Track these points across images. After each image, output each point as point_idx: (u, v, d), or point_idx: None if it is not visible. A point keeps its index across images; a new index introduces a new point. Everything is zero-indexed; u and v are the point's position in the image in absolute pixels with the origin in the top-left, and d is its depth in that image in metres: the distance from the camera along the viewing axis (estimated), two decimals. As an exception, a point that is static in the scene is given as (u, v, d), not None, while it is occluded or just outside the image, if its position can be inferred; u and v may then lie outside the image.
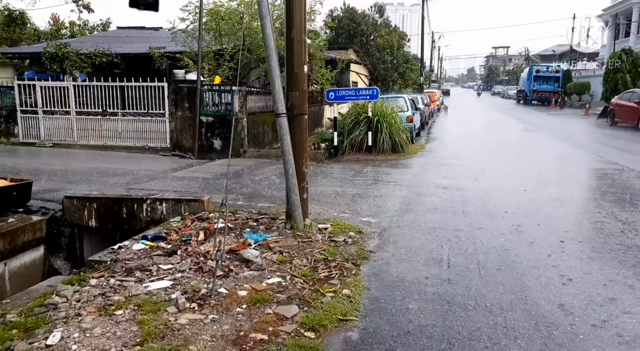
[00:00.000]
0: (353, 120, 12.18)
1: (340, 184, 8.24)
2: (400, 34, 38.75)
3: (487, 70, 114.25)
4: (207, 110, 12.39)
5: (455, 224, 5.61)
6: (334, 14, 34.05)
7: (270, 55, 5.09)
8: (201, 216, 5.90)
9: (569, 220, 5.79)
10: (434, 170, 9.63)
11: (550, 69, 42.39)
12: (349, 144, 11.96)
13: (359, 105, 12.46)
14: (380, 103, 12.45)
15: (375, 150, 11.86)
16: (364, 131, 11.93)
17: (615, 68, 27.50)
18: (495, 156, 11.53)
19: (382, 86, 36.05)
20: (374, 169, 9.86)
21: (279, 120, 5.20)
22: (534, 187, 7.67)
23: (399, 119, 12.56)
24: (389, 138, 11.86)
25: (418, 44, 37.88)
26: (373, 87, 11.75)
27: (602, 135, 16.20)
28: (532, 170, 9.38)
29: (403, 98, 14.86)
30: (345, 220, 5.86)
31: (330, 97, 11.96)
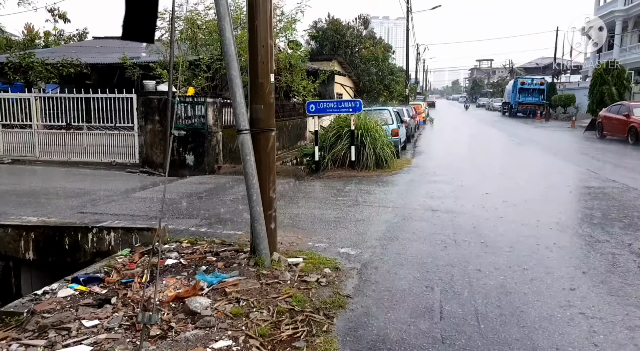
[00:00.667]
0: (335, 133, 11.47)
1: (319, 205, 7.47)
2: (385, 45, 38.49)
3: (472, 82, 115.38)
4: (180, 124, 11.56)
5: (446, 257, 4.86)
6: (318, 25, 33.63)
7: (229, 62, 4.34)
8: (154, 247, 5.06)
9: (576, 253, 5.08)
10: (421, 188, 8.92)
11: (535, 81, 42.50)
12: (331, 159, 11.24)
13: (341, 118, 11.77)
14: (364, 116, 11.78)
15: (359, 166, 11.15)
16: (346, 145, 11.22)
17: (601, 80, 27.39)
18: (485, 172, 10.89)
19: (367, 98, 35.63)
20: (356, 187, 9.12)
21: (241, 137, 4.43)
22: (529, 209, 6.99)
23: (384, 133, 11.89)
24: (373, 153, 11.17)
25: (403, 56, 37.64)
26: (356, 99, 11.08)
27: (592, 148, 15.75)
28: (525, 189, 8.73)
29: (388, 111, 14.23)
30: (321, 251, 5.08)
31: (311, 110, 11.25)
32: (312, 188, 9.17)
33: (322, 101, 11.39)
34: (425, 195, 8.12)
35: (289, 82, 14.24)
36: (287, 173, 11.06)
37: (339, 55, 27.95)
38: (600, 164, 11.64)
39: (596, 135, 20.52)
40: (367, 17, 37.06)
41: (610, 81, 27.01)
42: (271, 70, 4.55)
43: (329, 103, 11.26)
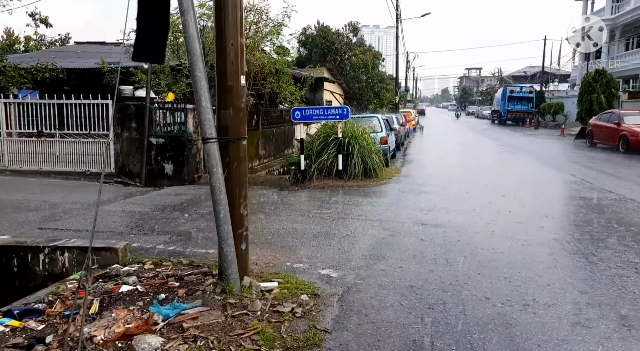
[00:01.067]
0: (322, 142, 10.99)
1: (302, 219, 6.96)
2: (375, 53, 38.29)
3: (461, 90, 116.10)
4: (158, 131, 11.00)
5: (438, 280, 4.37)
6: (307, 32, 33.32)
7: (194, 62, 3.83)
8: (109, 272, 4.51)
9: (579, 274, 4.63)
10: (411, 199, 8.45)
11: (524, 89, 42.59)
12: (318, 168, 10.75)
13: (328, 125, 11.31)
14: (352, 124, 11.33)
15: (346, 175, 10.68)
16: (333, 154, 10.74)
17: (590, 89, 27.35)
18: (476, 182, 10.46)
19: (357, 105, 35.31)
20: (343, 198, 8.63)
21: (207, 147, 3.92)
22: (525, 223, 6.54)
23: (372, 141, 11.44)
24: (360, 161, 10.71)
25: (393, 64, 37.42)
26: (343, 106, 10.64)
27: (583, 157, 15.45)
28: (518, 200, 8.30)
29: (377, 118, 13.81)
30: (301, 273, 4.57)
31: (297, 117, 10.79)
32: (296, 199, 8.66)
33: (308, 108, 10.93)
34: (414, 207, 7.65)
35: (275, 88, 13.76)
36: (271, 183, 10.54)
37: (328, 62, 27.61)
38: (594, 173, 11.29)
39: (586, 143, 20.32)
40: (356, 24, 36.88)
41: (599, 89, 26.98)
42: (242, 72, 4.05)
43: (316, 110, 10.81)
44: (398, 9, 29.95)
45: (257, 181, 10.30)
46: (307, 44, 33.15)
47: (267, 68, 12.53)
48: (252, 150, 14.07)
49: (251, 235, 6.04)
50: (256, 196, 8.75)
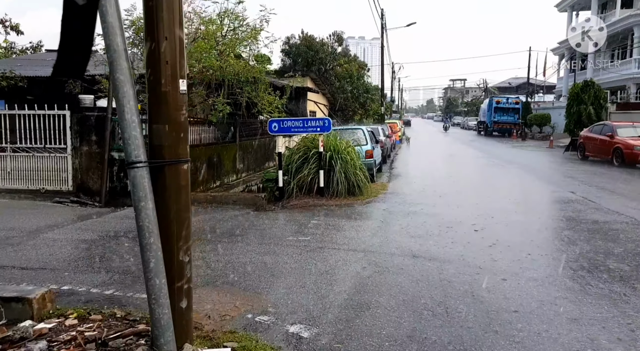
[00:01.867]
0: (302, 156, 10.07)
1: (274, 249, 5.98)
2: (360, 63, 37.74)
3: (446, 101, 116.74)
4: (121, 144, 9.95)
5: (437, 341, 3.43)
6: (290, 41, 32.61)
7: (115, 60, 2.87)
8: (11, 334, 3.46)
9: (612, 329, 3.73)
10: (399, 222, 7.53)
11: (510, 100, 42.40)
12: (297, 185, 9.81)
13: (308, 138, 10.40)
14: (334, 137, 10.44)
15: (328, 193, 9.75)
16: (314, 169, 9.82)
17: (578, 100, 27.00)
18: (469, 200, 9.62)
19: (342, 116, 34.59)
20: (324, 221, 7.68)
21: (132, 174, 2.95)
22: (531, 255, 5.66)
23: (356, 155, 10.55)
24: (344, 178, 9.79)
25: (378, 75, 36.83)
26: (325, 118, 9.74)
27: (578, 171, 14.78)
28: (518, 223, 7.46)
29: (361, 130, 12.94)
30: (263, 331, 3.59)
31: (274, 129, 9.86)
32: (270, 222, 7.68)
33: (286, 119, 10.01)
34: (403, 233, 6.73)
35: (254, 97, 12.83)
36: (245, 201, 9.54)
37: (311, 72, 26.84)
38: (594, 190, 10.53)
39: (578, 156, 19.76)
40: (341, 33, 36.31)
41: (587, 100, 26.62)
42: (181, 75, 3.10)
43: (295, 121, 9.89)
44: (383, 17, 29.43)
45: (230, 200, 9.30)
46: (290, 53, 32.41)
47: (243, 75, 11.61)
48: (228, 164, 13.08)
49: (210, 272, 5.06)
50: (226, 218, 7.75)
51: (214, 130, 12.53)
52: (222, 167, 12.75)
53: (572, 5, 40.47)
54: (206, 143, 11.96)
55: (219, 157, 12.49)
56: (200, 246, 6.00)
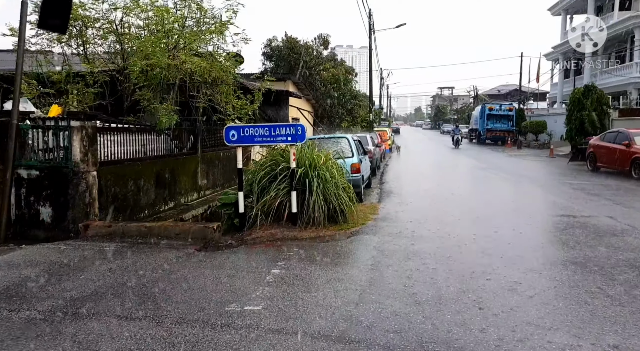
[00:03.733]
0: (268, 173, 7.82)
1: (197, 332, 3.71)
2: (347, 68, 35.74)
3: (435, 109, 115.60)
4: (31, 159, 7.64)
5: None
6: (272, 44, 30.49)
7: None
8: None
9: None
10: (396, 271, 5.30)
11: (503, 107, 40.76)
12: (262, 211, 7.55)
13: (277, 150, 8.18)
14: (311, 148, 8.23)
15: (302, 221, 7.51)
16: (284, 190, 7.58)
17: (579, 106, 25.21)
18: (486, 230, 7.46)
19: (328, 123, 32.48)
20: (289, 270, 5.42)
21: None
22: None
23: (339, 170, 8.34)
24: (322, 201, 7.56)
25: (366, 83, 34.79)
26: (296, 124, 7.51)
27: (597, 186, 12.75)
28: (580, 280, 5.28)
29: (346, 140, 10.72)
30: None
31: (232, 138, 7.62)
32: (213, 273, 5.39)
33: (248, 126, 7.74)
34: (405, 295, 4.50)
35: (217, 102, 10.59)
36: (193, 233, 7.21)
37: (294, 75, 24.66)
38: (636, 214, 8.44)
39: (587, 167, 17.81)
40: (327, 37, 34.25)
41: (590, 106, 24.87)
42: None
43: (259, 129, 7.63)
44: (371, 17, 27.48)
45: (171, 233, 6.99)
46: (272, 56, 30.30)
47: (199, 75, 9.38)
48: (186, 180, 10.76)
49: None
50: (151, 267, 5.45)
51: (165, 140, 10.23)
52: (178, 184, 10.43)
53: (567, 8, 39.07)
54: (154, 156, 9.66)
55: (173, 173, 10.18)
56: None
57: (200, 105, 9.67)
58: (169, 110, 8.85)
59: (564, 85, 40.73)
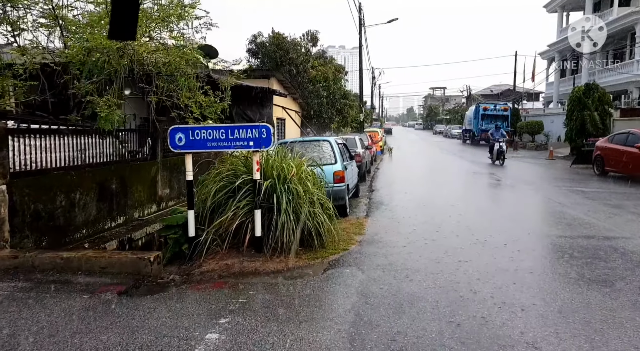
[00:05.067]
0: (226, 186, 6.24)
1: None
2: (337, 66, 34.17)
3: (427, 109, 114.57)
4: None
5: None
6: (258, 40, 28.82)
7: None
8: None
9: None
10: (387, 335, 3.76)
11: (498, 107, 39.45)
12: (218, 234, 5.99)
13: (238, 157, 6.62)
14: (281, 155, 6.68)
15: (268, 247, 5.95)
16: (245, 209, 6.01)
17: (580, 105, 23.89)
18: (503, 263, 5.94)
19: (317, 124, 30.95)
20: (238, 327, 3.86)
21: None
22: None
23: (317, 182, 6.80)
24: (294, 221, 6.00)
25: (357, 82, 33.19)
26: (260, 124, 5.90)
27: (614, 194, 11.33)
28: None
29: (328, 144, 9.12)
30: None
31: (178, 143, 6.04)
32: (119, 338, 3.81)
33: (199, 127, 6.14)
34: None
35: (179, 97, 8.97)
36: (121, 266, 5.60)
37: (278, 72, 23.03)
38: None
39: (594, 171, 16.44)
40: (315, 33, 32.66)
41: (592, 106, 23.56)
42: None
43: (213, 131, 6.05)
44: (361, 12, 25.97)
45: (95, 266, 5.39)
46: (257, 53, 28.65)
47: (150, 63, 7.77)
48: (142, 190, 9.13)
49: None
50: (38, 328, 3.85)
51: (113, 143, 8.60)
52: (131, 196, 8.81)
53: (563, 5, 37.86)
54: (97, 163, 8.02)
55: (124, 182, 8.55)
56: None
57: (153, 100, 8.03)
58: (110, 105, 7.23)
59: (560, 85, 39.54)
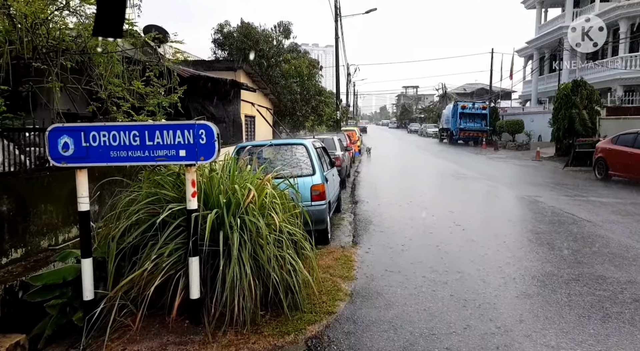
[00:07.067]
0: (144, 220, 4.05)
1: None
2: (311, 60, 32.05)
3: (401, 108, 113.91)
4: None
5: None
6: (224, 29, 26.36)
7: None
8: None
9: None
10: None
11: (476, 105, 38.18)
12: (130, 297, 3.79)
13: (164, 174, 4.43)
14: (233, 170, 4.52)
15: (211, 317, 3.81)
16: (174, 256, 3.85)
17: (567, 103, 22.60)
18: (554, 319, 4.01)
19: (291, 122, 28.80)
20: None
21: None
22: None
23: (287, 205, 4.70)
24: (251, 273, 3.87)
25: (332, 80, 31.24)
26: (198, 122, 3.71)
27: (631, 205, 9.67)
28: None
29: (303, 148, 6.96)
30: None
31: (63, 151, 3.82)
32: None
33: (96, 127, 3.89)
34: None
35: (103, 83, 6.61)
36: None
37: (247, 64, 20.70)
38: None
39: (595, 175, 14.91)
40: (288, 25, 30.41)
41: (580, 103, 22.28)
42: None
43: (120, 133, 3.81)
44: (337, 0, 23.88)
45: None
46: (224, 44, 26.19)
47: (42, 34, 5.46)
48: (56, 210, 6.74)
49: None
50: None
51: (7, 147, 6.21)
52: (35, 219, 6.43)
53: (542, 1, 36.84)
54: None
55: (21, 201, 6.18)
56: None
57: (55, 86, 5.65)
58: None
59: (539, 83, 38.61)
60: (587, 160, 17.78)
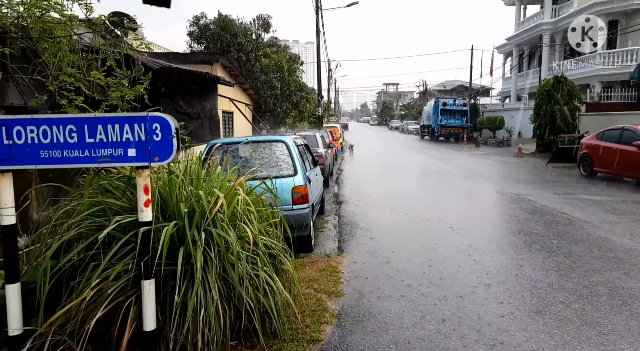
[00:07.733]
0: (86, 235, 3.31)
1: None
2: (292, 55, 31.25)
3: (382, 105, 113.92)
4: None
5: None
6: (200, 22, 25.35)
7: None
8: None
9: None
10: None
11: (457, 102, 38.09)
12: (66, 331, 3.05)
13: (112, 179, 3.70)
14: (197, 172, 3.82)
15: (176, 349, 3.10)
16: (123, 279, 3.13)
17: (548, 99, 22.47)
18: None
19: (271, 119, 28.01)
20: None
21: None
22: None
23: (266, 215, 4.02)
24: (219, 296, 3.19)
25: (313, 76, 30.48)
26: (152, 115, 3.01)
27: (628, 204, 9.32)
28: None
29: (284, 146, 6.27)
30: None
31: (-14, 153, 3.02)
32: None
33: (23, 120, 3.15)
34: None
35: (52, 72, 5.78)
36: None
37: (224, 57, 19.82)
38: None
39: (580, 171, 14.65)
40: (267, 18, 29.53)
41: (561, 99, 22.16)
42: None
43: (54, 127, 3.07)
44: (318, -8, 23.18)
45: None
46: (201, 37, 25.21)
47: None
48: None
49: None
50: None
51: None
52: None
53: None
54: None
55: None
56: None
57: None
58: None
59: (519, 79, 38.67)
60: (569, 156, 17.58)
